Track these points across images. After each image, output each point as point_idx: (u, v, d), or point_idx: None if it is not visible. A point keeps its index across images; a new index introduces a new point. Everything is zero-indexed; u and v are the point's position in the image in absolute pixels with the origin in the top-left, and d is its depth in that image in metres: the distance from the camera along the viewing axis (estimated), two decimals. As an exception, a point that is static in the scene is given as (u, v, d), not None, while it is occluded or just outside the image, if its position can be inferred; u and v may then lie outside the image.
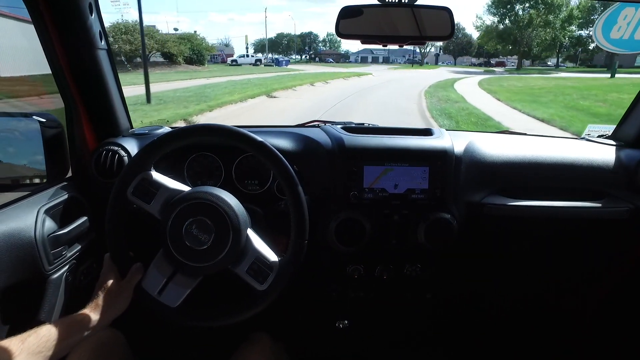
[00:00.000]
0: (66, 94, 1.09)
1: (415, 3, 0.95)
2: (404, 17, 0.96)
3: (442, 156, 1.12)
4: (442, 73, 31.60)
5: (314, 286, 1.32)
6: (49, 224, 0.93)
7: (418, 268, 1.21)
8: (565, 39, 41.95)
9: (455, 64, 72.46)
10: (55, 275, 0.93)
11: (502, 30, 41.39)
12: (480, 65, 65.85)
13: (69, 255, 0.98)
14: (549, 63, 67.86)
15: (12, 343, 0.63)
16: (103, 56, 1.10)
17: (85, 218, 1.04)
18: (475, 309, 1.51)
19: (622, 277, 1.39)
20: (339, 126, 1.25)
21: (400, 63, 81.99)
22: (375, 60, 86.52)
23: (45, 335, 0.67)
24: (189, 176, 1.16)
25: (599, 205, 1.18)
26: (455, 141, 1.17)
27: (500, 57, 69.16)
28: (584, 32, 43.11)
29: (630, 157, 1.22)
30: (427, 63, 62.95)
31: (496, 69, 42.84)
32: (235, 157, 1.16)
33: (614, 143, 1.32)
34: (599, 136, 1.42)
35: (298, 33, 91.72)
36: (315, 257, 1.10)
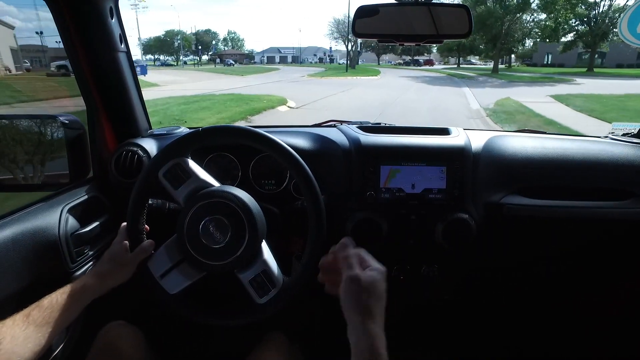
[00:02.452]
0: (88, 96, 1.12)
1: (432, 1, 0.94)
2: (420, 16, 0.95)
3: (460, 155, 1.10)
4: (401, 82, 21.33)
5: None
6: (72, 223, 0.95)
7: (435, 269, 1.20)
8: (567, 26, 31.13)
9: (378, 63, 63.63)
10: (78, 273, 0.95)
11: (485, 14, 29.07)
12: (407, 64, 59.83)
13: (90, 253, 1.00)
14: (472, 60, 60.87)
15: (18, 319, 0.65)
16: (123, 59, 1.13)
17: (106, 217, 1.07)
18: (494, 311, 1.48)
19: None
20: (355, 125, 1.25)
21: (312, 62, 69.76)
22: (283, 60, 76.03)
23: (48, 307, 0.69)
24: None
25: (624, 205, 1.14)
26: (473, 140, 1.15)
27: (425, 54, 63.18)
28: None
29: None
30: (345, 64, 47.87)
31: (478, 78, 26.02)
32: (252, 157, 1.17)
33: None
34: (624, 134, 1.37)
35: (194, 31, 77.03)
36: None
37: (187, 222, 0.80)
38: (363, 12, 0.96)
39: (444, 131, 1.20)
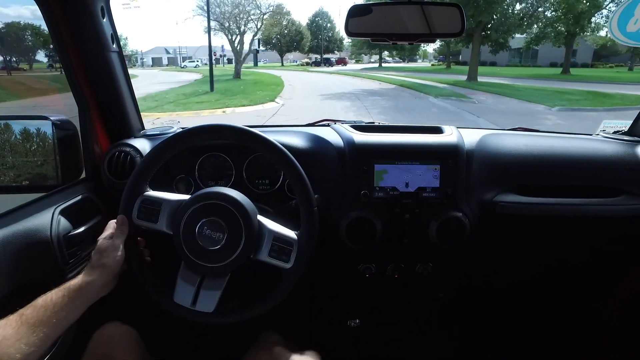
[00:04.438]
0: (79, 96, 1.11)
1: (425, 0, 0.94)
2: (413, 15, 0.96)
3: (453, 154, 1.11)
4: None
5: (325, 285, 1.32)
6: (64, 224, 0.95)
7: (430, 267, 1.20)
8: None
9: (282, 64, 54.55)
10: (71, 275, 0.95)
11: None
12: (317, 64, 50.26)
13: (83, 255, 1.00)
14: (386, 58, 52.61)
15: (10, 319, 0.64)
16: (115, 59, 1.12)
17: (99, 218, 1.06)
18: (488, 309, 1.49)
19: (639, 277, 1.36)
20: (349, 124, 1.25)
21: (194, 67, 48.64)
22: (172, 62, 66.13)
23: (43, 305, 0.68)
24: (200, 176, 1.17)
25: (615, 202, 1.16)
26: (466, 138, 1.16)
27: (336, 52, 55.75)
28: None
29: None
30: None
31: (480, 98, 12.68)
32: (246, 156, 1.16)
33: (631, 139, 1.29)
34: (615, 132, 1.39)
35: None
36: (327, 256, 1.10)
37: (184, 242, 0.80)
38: (356, 11, 0.97)
39: (437, 130, 1.21)
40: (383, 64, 52.09)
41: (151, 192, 0.85)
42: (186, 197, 0.84)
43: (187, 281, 0.82)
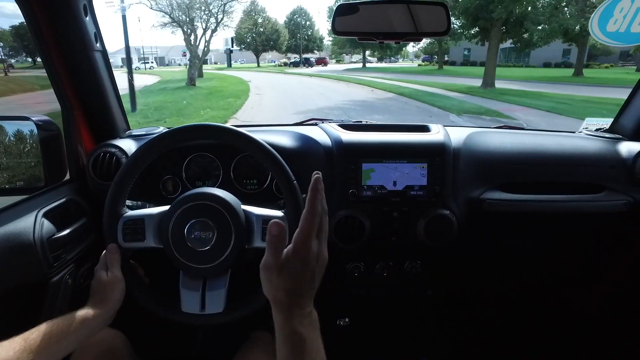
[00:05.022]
0: (63, 97, 1.09)
1: (411, -1, 0.94)
2: (399, 14, 0.97)
3: (440, 152, 1.12)
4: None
5: None
6: (48, 227, 0.93)
7: (418, 265, 1.21)
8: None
9: (258, 65, 50.17)
10: (55, 279, 0.93)
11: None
12: (295, 64, 45.27)
13: (68, 258, 0.98)
14: (368, 58, 48.89)
15: (15, 342, 0.64)
16: (99, 58, 1.10)
17: (84, 220, 1.04)
18: (476, 305, 1.51)
19: (622, 271, 1.39)
20: (337, 123, 1.25)
21: (146, 68, 38.38)
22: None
23: (48, 332, 0.67)
24: (187, 177, 1.16)
25: (597, 198, 1.18)
26: (453, 137, 1.17)
27: (316, 51, 53.29)
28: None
29: (628, 150, 1.22)
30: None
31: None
32: (233, 157, 1.16)
33: (612, 136, 1.32)
34: (597, 130, 1.42)
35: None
36: None
37: (177, 251, 0.80)
38: (343, 10, 0.97)
39: (424, 128, 1.22)
40: (367, 64, 49.32)
41: (130, 212, 0.84)
42: (166, 207, 0.84)
43: (190, 288, 0.82)
